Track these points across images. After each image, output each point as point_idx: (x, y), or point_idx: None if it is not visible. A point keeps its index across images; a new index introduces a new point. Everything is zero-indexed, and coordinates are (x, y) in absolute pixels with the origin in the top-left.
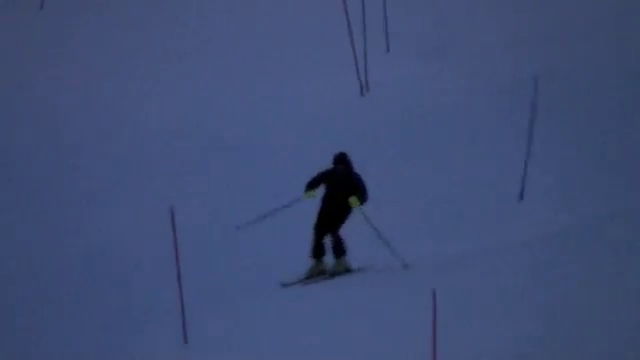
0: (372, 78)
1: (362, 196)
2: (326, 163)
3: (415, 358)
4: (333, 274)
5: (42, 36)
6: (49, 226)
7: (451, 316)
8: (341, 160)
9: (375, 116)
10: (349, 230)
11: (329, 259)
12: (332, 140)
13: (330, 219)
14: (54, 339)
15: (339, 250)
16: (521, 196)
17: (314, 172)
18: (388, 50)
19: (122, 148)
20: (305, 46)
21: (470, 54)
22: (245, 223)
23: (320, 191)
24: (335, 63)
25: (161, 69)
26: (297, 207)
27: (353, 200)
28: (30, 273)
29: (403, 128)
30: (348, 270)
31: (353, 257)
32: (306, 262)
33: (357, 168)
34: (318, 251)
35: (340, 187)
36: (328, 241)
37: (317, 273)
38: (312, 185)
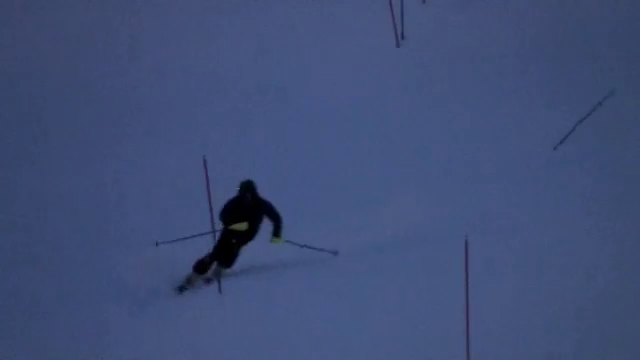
0: (407, 29)
1: (280, 230)
2: (360, 112)
3: None
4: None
5: None
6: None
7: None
8: (247, 187)
9: (410, 66)
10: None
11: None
12: (369, 89)
13: (232, 244)
14: (93, 275)
15: (227, 262)
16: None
17: (351, 120)
18: (424, 1)
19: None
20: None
21: (503, 2)
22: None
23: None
24: (372, 14)
25: (212, 22)
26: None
27: (276, 240)
28: (69, 212)
29: (437, 77)
30: (208, 280)
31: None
32: None
33: (393, 117)
34: (203, 268)
35: (246, 214)
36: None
37: (190, 286)
38: (224, 216)
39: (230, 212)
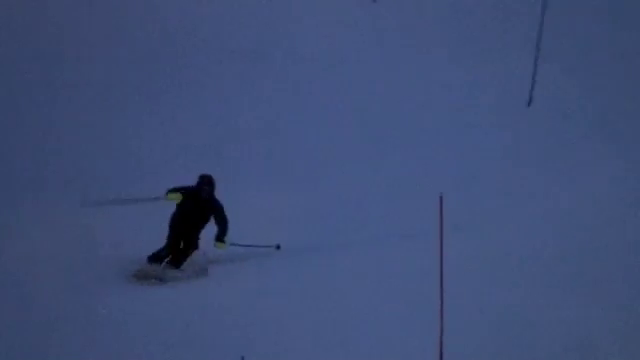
0: None
1: (225, 234)
2: (342, 68)
3: None
4: (162, 279)
5: None
6: None
7: None
8: (208, 182)
9: (385, 21)
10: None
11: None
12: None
13: (184, 234)
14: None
15: (177, 261)
16: (529, 102)
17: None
18: None
19: None
20: None
21: None
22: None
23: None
24: None
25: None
26: None
27: (220, 245)
28: None
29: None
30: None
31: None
32: None
33: (370, 71)
34: (156, 258)
35: (198, 207)
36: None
37: (143, 276)
38: (175, 189)
39: (180, 193)
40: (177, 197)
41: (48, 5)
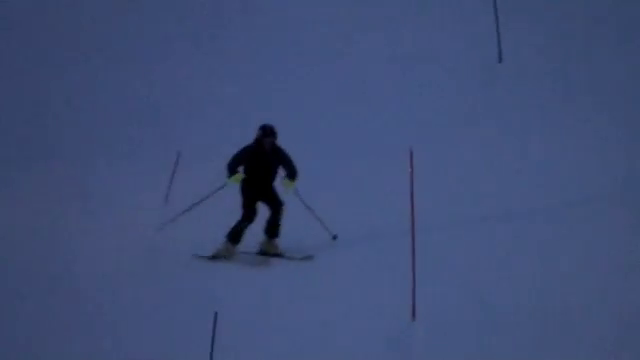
0: None
1: (295, 176)
2: None
3: None
4: (264, 253)
5: None
6: None
7: None
8: (270, 132)
9: None
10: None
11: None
12: None
13: (261, 195)
14: None
15: (274, 230)
16: (500, 58)
17: None
18: None
19: None
20: None
21: None
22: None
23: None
24: None
25: None
26: None
27: (287, 183)
28: None
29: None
30: (278, 254)
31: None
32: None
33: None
34: (236, 236)
35: (264, 162)
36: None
37: (225, 254)
38: (234, 166)
39: (242, 161)
40: (238, 177)
41: None
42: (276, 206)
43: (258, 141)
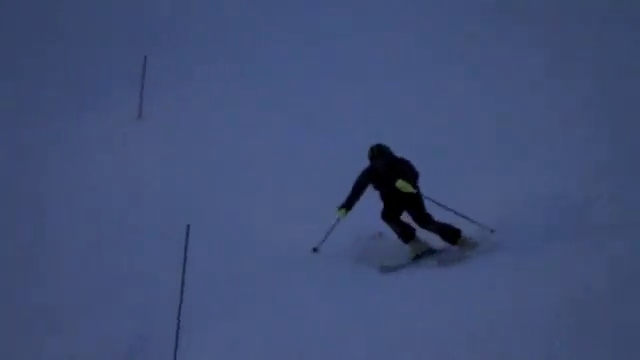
0: None
1: (410, 179)
2: None
3: None
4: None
5: None
6: None
7: None
8: (374, 155)
9: None
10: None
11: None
12: None
13: (397, 206)
14: None
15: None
16: None
17: None
18: None
19: None
20: None
21: None
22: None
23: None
24: None
25: None
26: None
27: (402, 184)
28: None
29: None
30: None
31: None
32: None
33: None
34: (406, 234)
35: (385, 181)
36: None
37: (421, 252)
38: (352, 197)
39: (364, 185)
40: (342, 213)
41: None
42: (421, 214)
43: (372, 165)
